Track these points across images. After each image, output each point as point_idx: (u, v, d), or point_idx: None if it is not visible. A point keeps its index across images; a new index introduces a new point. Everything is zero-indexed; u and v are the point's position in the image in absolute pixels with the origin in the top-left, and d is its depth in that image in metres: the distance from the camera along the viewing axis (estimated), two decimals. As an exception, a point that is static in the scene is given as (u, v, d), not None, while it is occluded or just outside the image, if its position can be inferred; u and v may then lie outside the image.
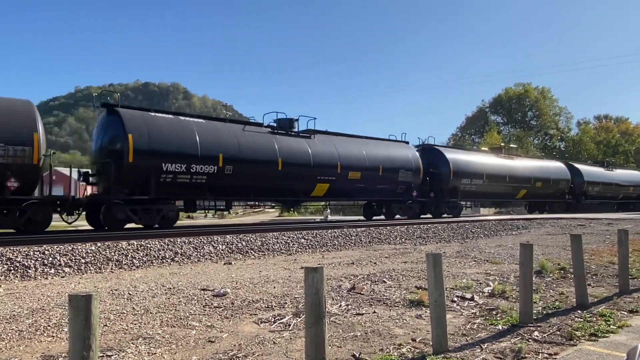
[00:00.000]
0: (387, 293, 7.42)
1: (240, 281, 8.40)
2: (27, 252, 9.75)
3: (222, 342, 5.06)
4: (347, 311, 6.39)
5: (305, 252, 13.49)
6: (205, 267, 10.45)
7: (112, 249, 10.73)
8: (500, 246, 14.13)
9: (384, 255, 12.18)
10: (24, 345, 4.85)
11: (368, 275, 8.94)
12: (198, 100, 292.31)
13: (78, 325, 2.75)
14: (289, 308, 6.49)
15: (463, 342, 5.19)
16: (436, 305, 4.81)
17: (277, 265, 10.77)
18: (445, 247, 14.49)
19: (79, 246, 10.50)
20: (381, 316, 6.16)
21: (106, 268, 10.03)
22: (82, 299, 2.75)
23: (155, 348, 4.84)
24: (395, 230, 17.05)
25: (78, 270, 9.66)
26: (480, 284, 8.24)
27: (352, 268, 10.05)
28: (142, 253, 11.03)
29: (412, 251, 13.24)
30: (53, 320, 5.67)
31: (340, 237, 15.23)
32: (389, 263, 10.77)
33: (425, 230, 17.80)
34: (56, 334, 5.20)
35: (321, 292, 3.85)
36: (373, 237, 15.90)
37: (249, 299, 6.94)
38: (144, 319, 5.84)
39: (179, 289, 7.63)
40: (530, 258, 5.96)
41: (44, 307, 6.36)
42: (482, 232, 19.04)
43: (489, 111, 79.98)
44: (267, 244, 13.45)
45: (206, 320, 5.88)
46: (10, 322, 5.58)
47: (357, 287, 7.67)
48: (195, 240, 12.44)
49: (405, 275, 8.99)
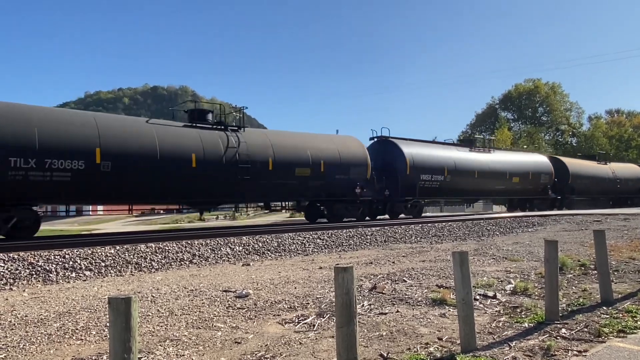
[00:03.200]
0: (409, 292, 7.40)
1: (260, 282, 8.42)
2: (47, 256, 9.86)
3: (249, 343, 5.07)
4: (370, 311, 6.38)
5: (322, 252, 13.49)
6: (224, 269, 10.49)
7: (131, 252, 10.81)
8: (518, 243, 14.03)
9: (401, 254, 12.15)
10: (54, 348, 4.90)
11: (388, 274, 8.92)
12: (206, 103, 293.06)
13: (118, 328, 2.77)
14: (311, 308, 6.49)
15: (490, 340, 5.16)
16: (464, 303, 4.79)
17: (295, 265, 10.78)
18: (462, 245, 14.42)
19: (98, 249, 10.60)
20: (405, 315, 6.15)
21: (126, 271, 10.10)
22: (122, 302, 2.77)
23: (183, 350, 4.87)
24: (410, 229, 17.00)
25: (99, 273, 9.75)
26: (501, 282, 8.19)
27: (370, 267, 10.04)
28: (160, 255, 11.11)
29: (429, 250, 13.19)
30: (80, 323, 5.72)
31: (356, 237, 15.22)
32: (407, 262, 10.74)
33: (440, 228, 17.74)
34: (85, 337, 5.25)
35: (352, 292, 3.84)
36: (388, 237, 15.87)
37: (271, 300, 6.95)
38: (170, 321, 5.88)
39: (201, 290, 7.66)
40: (556, 255, 5.91)
41: (70, 310, 6.42)
42: (498, 229, 18.93)
43: (499, 108, 79.47)
44: (284, 244, 13.48)
45: (231, 321, 5.90)
46: (39, 326, 5.64)
47: (378, 286, 7.66)
48: (212, 242, 12.50)
49: (425, 274, 8.96)
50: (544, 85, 77.08)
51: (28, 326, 5.64)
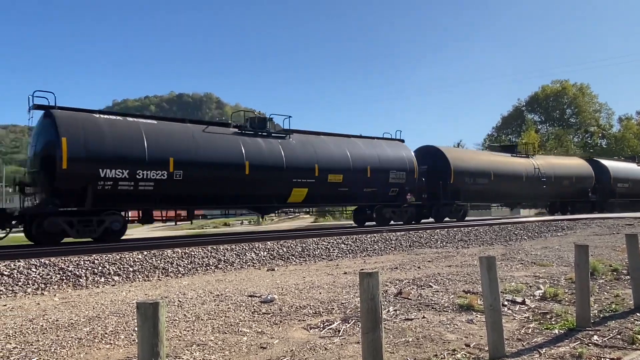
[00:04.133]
0: (435, 298, 7.31)
1: (285, 287, 8.44)
2: (77, 261, 10.07)
3: (274, 349, 5.09)
4: (395, 316, 6.33)
5: (346, 257, 13.46)
6: (249, 274, 10.55)
7: (158, 257, 10.97)
8: (547, 248, 13.75)
9: (427, 259, 12.03)
10: (84, 352, 4.99)
11: (413, 279, 8.84)
12: (231, 109, 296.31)
13: (146, 332, 2.81)
14: (337, 314, 6.47)
15: (519, 347, 5.06)
16: (491, 309, 4.71)
17: (320, 270, 10.78)
18: (489, 249, 14.20)
19: (126, 255, 10.78)
20: (431, 321, 6.08)
21: (153, 276, 10.25)
22: (149, 307, 2.81)
23: (209, 354, 4.90)
24: (436, 234, 16.83)
25: (127, 278, 9.91)
26: (530, 287, 8.03)
27: (395, 273, 9.96)
28: (186, 261, 11.24)
29: (455, 254, 13.03)
30: (109, 327, 5.82)
31: (380, 242, 15.13)
32: (433, 267, 10.63)
33: (467, 233, 17.51)
34: (114, 341, 5.34)
35: (377, 298, 3.82)
36: (413, 241, 15.73)
37: (296, 305, 6.96)
38: (196, 325, 5.94)
39: (227, 295, 7.72)
40: (586, 259, 5.77)
41: (100, 315, 6.54)
42: (526, 233, 18.59)
43: (525, 110, 78.24)
44: (308, 249, 13.49)
45: (256, 326, 5.92)
46: (69, 330, 5.76)
47: (403, 292, 7.59)
48: (237, 247, 12.59)
49: (452, 279, 8.85)
50: (572, 87, 75.59)
51: (59, 330, 5.76)
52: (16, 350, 5.01)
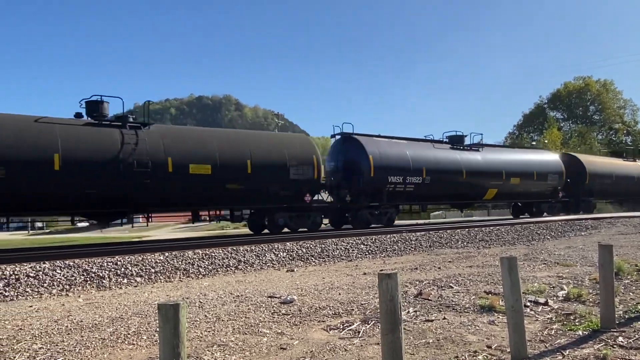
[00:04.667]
0: (456, 298, 7.25)
1: (304, 288, 8.46)
2: (101, 263, 10.24)
3: (294, 349, 5.10)
4: (415, 317, 6.29)
5: (366, 257, 13.42)
6: (269, 275, 10.60)
7: (179, 258, 11.09)
8: (570, 248, 13.52)
9: (447, 260, 11.93)
10: (107, 353, 5.07)
11: (433, 280, 8.77)
12: (250, 111, 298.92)
13: (168, 333, 2.84)
14: (356, 315, 6.46)
15: (542, 348, 4.99)
16: (513, 310, 4.65)
17: (339, 271, 10.77)
18: (511, 250, 14.02)
19: (148, 256, 10.92)
20: (452, 322, 6.03)
21: (175, 277, 10.37)
22: (170, 308, 2.84)
23: (230, 355, 4.94)
24: (456, 234, 16.68)
25: (149, 279, 10.05)
26: (553, 288, 7.90)
27: (415, 273, 9.90)
28: (207, 262, 11.34)
29: (476, 255, 12.89)
30: (132, 328, 5.91)
31: (400, 242, 15.06)
32: (454, 268, 10.54)
33: (488, 233, 17.31)
34: (136, 341, 5.41)
35: (396, 299, 3.80)
36: (434, 242, 15.62)
37: (316, 306, 6.96)
38: (217, 326, 5.99)
39: (247, 296, 7.77)
40: (611, 259, 5.66)
41: (122, 315, 6.64)
42: (549, 233, 18.31)
43: (547, 107, 77.00)
44: (327, 250, 13.50)
45: (276, 327, 5.95)
46: (93, 331, 5.86)
47: (423, 292, 7.54)
48: (257, 248, 12.65)
49: (473, 280, 8.76)
50: (595, 83, 74.14)
51: (83, 331, 5.87)
52: (42, 350, 5.11)
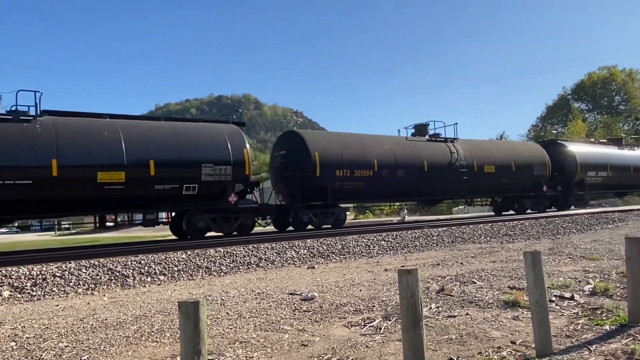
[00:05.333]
0: (479, 294, 7.15)
1: (325, 285, 8.45)
2: (125, 262, 10.39)
3: (315, 346, 5.10)
4: (438, 313, 6.23)
5: (387, 254, 13.36)
6: (290, 272, 10.62)
7: (201, 257, 11.19)
8: (597, 241, 13.24)
9: (470, 255, 11.79)
10: (131, 350, 5.14)
11: (456, 276, 8.68)
12: (269, 109, 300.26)
13: (188, 331, 2.86)
14: (377, 311, 6.43)
15: (568, 344, 4.89)
16: (537, 305, 4.56)
17: (360, 268, 10.74)
18: (536, 244, 13.79)
19: (171, 255, 11.05)
20: (475, 318, 5.95)
21: (197, 275, 10.47)
22: (190, 306, 2.86)
23: (251, 352, 4.96)
24: (479, 229, 16.47)
25: (172, 277, 10.16)
26: (579, 282, 7.74)
27: (437, 269, 9.81)
28: (228, 260, 11.42)
29: (499, 250, 12.72)
30: (155, 326, 5.98)
31: (422, 238, 14.94)
32: (477, 263, 10.41)
33: (512, 227, 17.06)
34: (159, 339, 5.47)
35: (417, 295, 3.77)
36: (456, 237, 15.45)
37: (337, 303, 6.95)
38: (238, 323, 6.02)
39: (268, 293, 7.80)
40: (638, 252, 5.50)
41: (146, 313, 6.73)
42: (574, 227, 17.96)
43: (571, 98, 75.47)
44: (348, 247, 13.47)
45: (297, 324, 5.95)
46: (117, 329, 5.95)
47: (445, 288, 7.47)
48: (278, 246, 12.69)
49: (496, 275, 8.64)
50: (620, 72, 72.34)
51: (108, 329, 5.96)
52: (68, 348, 5.21)
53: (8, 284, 8.93)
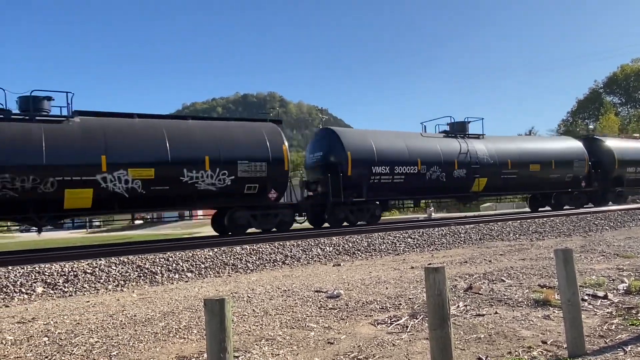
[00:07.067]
0: (508, 292, 7.01)
1: (351, 282, 8.41)
2: (153, 259, 10.55)
3: (342, 344, 5.07)
4: (466, 312, 6.13)
5: (413, 251, 13.24)
6: (315, 269, 10.62)
7: (228, 254, 11.28)
8: (631, 238, 12.86)
9: (498, 253, 11.59)
10: (159, 346, 5.20)
11: (484, 274, 8.53)
12: (294, 107, 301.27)
13: (214, 328, 2.87)
14: (404, 309, 6.36)
15: (602, 344, 4.74)
16: (569, 304, 4.43)
17: (386, 265, 10.66)
18: (567, 241, 13.48)
19: (198, 252, 11.17)
20: (504, 317, 5.83)
21: (223, 272, 10.56)
22: (216, 303, 2.86)
23: (278, 349, 4.96)
24: (508, 226, 16.19)
25: (199, 274, 10.27)
26: (612, 281, 7.52)
27: (465, 267, 9.67)
28: (254, 257, 11.48)
29: (529, 247, 12.46)
30: (183, 322, 6.04)
31: (449, 235, 14.75)
32: (505, 261, 10.22)
33: (542, 224, 16.71)
34: (187, 335, 5.53)
35: (444, 293, 3.70)
36: (484, 234, 15.22)
37: (363, 300, 6.91)
38: (264, 320, 6.04)
39: (294, 291, 7.80)
40: (677, 250, 5.31)
41: (174, 310, 6.81)
42: (607, 223, 17.49)
43: (603, 92, 73.48)
44: (374, 244, 13.39)
45: (323, 321, 5.93)
46: (146, 325, 6.03)
47: (474, 286, 7.34)
48: (303, 243, 12.71)
49: (526, 273, 8.46)
50: (655, 64, 70.09)
51: (137, 325, 6.05)
52: (98, 344, 5.30)
53: (41, 280, 9.16)
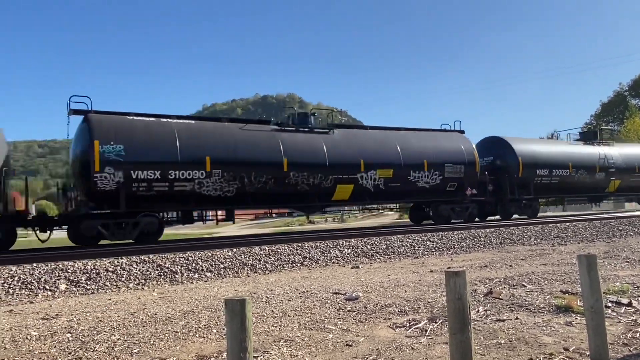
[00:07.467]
0: (529, 298, 6.92)
1: (370, 285, 8.39)
2: (173, 258, 10.66)
3: (360, 347, 5.06)
4: (486, 317, 6.07)
5: (432, 255, 13.14)
6: (334, 271, 10.61)
7: (247, 255, 11.35)
8: (656, 245, 12.58)
9: (519, 257, 11.44)
10: (179, 345, 5.26)
11: (505, 278, 8.43)
12: (313, 108, 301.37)
13: (235, 328, 2.89)
14: (423, 313, 6.32)
15: (626, 352, 4.66)
16: (592, 311, 4.36)
17: (405, 268, 10.61)
18: (589, 247, 13.24)
19: (217, 252, 11.26)
20: (525, 323, 5.75)
21: (242, 272, 10.63)
22: (237, 304, 2.89)
23: (296, 350, 4.98)
24: (529, 230, 15.96)
25: (218, 274, 10.35)
26: (637, 288, 7.37)
27: (485, 271, 9.57)
28: (273, 258, 11.53)
29: (550, 252, 12.28)
30: (203, 322, 6.10)
31: (468, 239, 14.61)
32: (526, 266, 10.09)
33: (564, 229, 16.44)
34: (206, 335, 5.58)
35: (464, 297, 3.67)
36: (504, 238, 15.03)
37: (381, 303, 6.89)
38: (283, 321, 6.06)
39: (312, 292, 7.82)
40: None
41: (194, 309, 6.87)
42: (632, 229, 17.12)
43: (628, 95, 71.97)
44: (392, 247, 13.34)
45: (341, 323, 5.93)
46: (166, 324, 6.10)
47: (494, 291, 7.27)
48: (322, 245, 12.72)
49: (547, 278, 8.34)
50: (683, 66, 68.33)
51: (157, 323, 6.13)
52: (120, 341, 5.39)
53: (65, 277, 9.33)
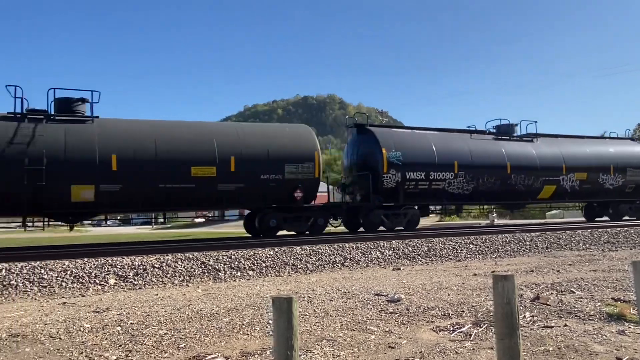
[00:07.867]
0: (578, 305, 6.69)
1: (412, 287, 8.32)
2: (217, 256, 10.88)
3: (402, 349, 5.02)
4: (532, 323, 5.91)
5: (475, 258, 12.90)
6: (375, 272, 10.58)
7: (288, 254, 11.45)
8: None
9: (567, 263, 11.08)
10: (224, 341, 5.37)
11: (552, 284, 8.19)
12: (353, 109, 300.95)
13: (282, 326, 2.93)
14: (467, 317, 6.22)
15: (685, 365, 4.44)
16: (649, 320, 4.19)
17: (447, 271, 10.46)
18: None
19: (259, 251, 11.42)
20: (574, 330, 5.57)
21: (284, 272, 10.73)
22: (284, 302, 2.93)
23: (338, 350, 4.99)
24: (577, 235, 15.44)
25: (260, 273, 10.50)
26: (696, 298, 7.00)
27: (531, 276, 9.32)
28: (314, 258, 11.59)
29: (600, 258, 11.84)
30: (246, 319, 6.20)
31: (513, 243, 14.27)
32: (575, 271, 9.76)
33: (615, 234, 15.81)
34: (250, 332, 5.67)
35: (513, 302, 3.59)
36: (551, 243, 14.60)
37: (424, 306, 6.82)
38: (325, 321, 6.08)
39: (354, 293, 7.81)
40: None
41: (237, 307, 7.00)
42: (689, 236, 16.28)
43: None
44: (434, 249, 13.17)
45: (384, 325, 5.90)
46: (211, 320, 6.24)
47: (541, 297, 7.07)
48: (363, 246, 12.69)
49: (597, 285, 8.04)
50: None
51: (202, 320, 6.27)
52: (167, 336, 5.54)
53: (114, 272, 9.67)
